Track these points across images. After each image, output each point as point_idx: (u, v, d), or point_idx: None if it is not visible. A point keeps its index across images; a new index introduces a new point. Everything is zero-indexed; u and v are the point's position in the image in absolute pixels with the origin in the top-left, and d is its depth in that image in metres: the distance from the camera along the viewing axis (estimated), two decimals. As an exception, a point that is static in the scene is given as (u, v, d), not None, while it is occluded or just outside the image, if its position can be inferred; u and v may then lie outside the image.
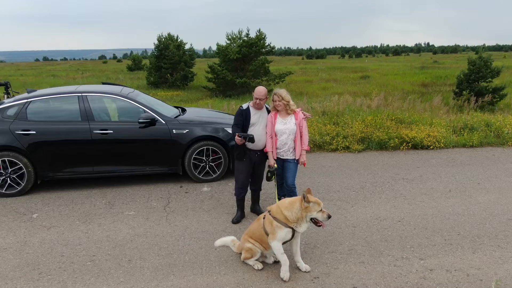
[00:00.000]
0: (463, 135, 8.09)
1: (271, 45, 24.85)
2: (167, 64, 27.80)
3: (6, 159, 5.49)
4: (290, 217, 3.42)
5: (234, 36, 25.67)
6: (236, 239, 4.08)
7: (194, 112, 6.69)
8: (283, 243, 3.57)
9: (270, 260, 3.80)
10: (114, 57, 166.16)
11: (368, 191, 5.57)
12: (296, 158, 4.43)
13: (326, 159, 7.12)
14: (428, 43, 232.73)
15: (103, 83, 7.18)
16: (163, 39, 29.69)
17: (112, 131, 5.64)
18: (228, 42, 25.49)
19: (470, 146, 7.71)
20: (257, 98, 4.32)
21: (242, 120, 4.35)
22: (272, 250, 3.58)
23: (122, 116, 5.90)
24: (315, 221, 3.42)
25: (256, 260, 3.76)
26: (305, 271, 3.64)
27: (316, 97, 18.08)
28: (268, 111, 4.48)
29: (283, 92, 4.33)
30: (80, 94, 5.77)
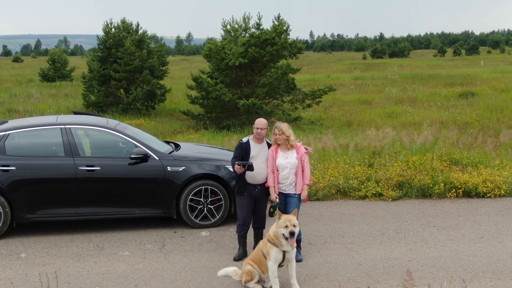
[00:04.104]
0: (536, 180, 12.48)
1: (300, 40, 29.59)
2: (121, 73, 32.56)
3: (-18, 198, 10.07)
4: (271, 233, 7.82)
5: (236, 27, 30.29)
6: (238, 269, 8.47)
7: (190, 148, 11.38)
8: (279, 266, 7.94)
9: (268, 284, 8.16)
10: (6, 53, 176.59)
11: (388, 237, 9.98)
12: (298, 193, 8.88)
13: (349, 207, 11.66)
14: None
15: (75, 113, 11.95)
16: (112, 30, 34.72)
17: (99, 168, 10.24)
18: (226, 37, 30.17)
19: (541, 194, 12.12)
20: (257, 128, 8.88)
21: (242, 153, 8.89)
22: (269, 276, 7.95)
23: (110, 151, 10.58)
24: (286, 238, 7.76)
25: (255, 283, 8.13)
26: (299, 293, 8.00)
27: (376, 129, 22.08)
28: (269, 145, 9.01)
29: (284, 126, 8.88)
30: (64, 126, 10.45)
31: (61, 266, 9.01)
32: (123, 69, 32.76)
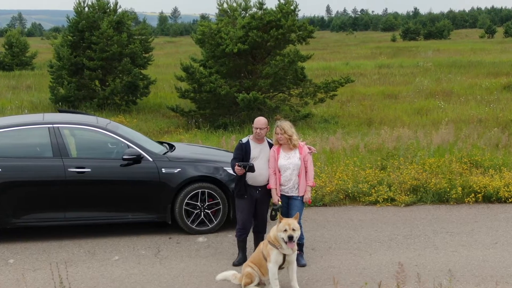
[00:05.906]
0: None
1: (314, 18, 30.72)
2: (96, 61, 33.79)
3: (-35, 202, 12.00)
4: (272, 236, 9.76)
5: (234, 6, 31.16)
6: (237, 273, 10.41)
7: (186, 148, 13.40)
8: (280, 268, 9.87)
9: (268, 287, 10.08)
10: None
11: (396, 242, 11.95)
12: (301, 195, 10.80)
13: (357, 213, 13.68)
14: None
15: (60, 111, 13.92)
16: (86, 9, 35.86)
17: (90, 170, 12.19)
18: (222, 18, 31.26)
19: None
20: (256, 128, 10.76)
21: (242, 154, 10.79)
22: (269, 278, 9.88)
23: (100, 151, 12.55)
24: (285, 242, 9.68)
25: (255, 285, 10.08)
26: (301, 295, 9.96)
27: (403, 127, 23.35)
28: (270, 145, 10.92)
29: (286, 125, 10.79)
30: (51, 126, 12.39)
31: (53, 271, 10.92)
32: (98, 56, 33.85)
